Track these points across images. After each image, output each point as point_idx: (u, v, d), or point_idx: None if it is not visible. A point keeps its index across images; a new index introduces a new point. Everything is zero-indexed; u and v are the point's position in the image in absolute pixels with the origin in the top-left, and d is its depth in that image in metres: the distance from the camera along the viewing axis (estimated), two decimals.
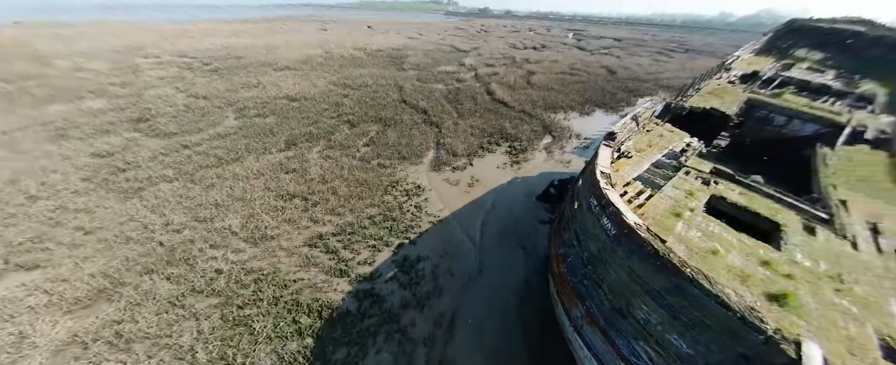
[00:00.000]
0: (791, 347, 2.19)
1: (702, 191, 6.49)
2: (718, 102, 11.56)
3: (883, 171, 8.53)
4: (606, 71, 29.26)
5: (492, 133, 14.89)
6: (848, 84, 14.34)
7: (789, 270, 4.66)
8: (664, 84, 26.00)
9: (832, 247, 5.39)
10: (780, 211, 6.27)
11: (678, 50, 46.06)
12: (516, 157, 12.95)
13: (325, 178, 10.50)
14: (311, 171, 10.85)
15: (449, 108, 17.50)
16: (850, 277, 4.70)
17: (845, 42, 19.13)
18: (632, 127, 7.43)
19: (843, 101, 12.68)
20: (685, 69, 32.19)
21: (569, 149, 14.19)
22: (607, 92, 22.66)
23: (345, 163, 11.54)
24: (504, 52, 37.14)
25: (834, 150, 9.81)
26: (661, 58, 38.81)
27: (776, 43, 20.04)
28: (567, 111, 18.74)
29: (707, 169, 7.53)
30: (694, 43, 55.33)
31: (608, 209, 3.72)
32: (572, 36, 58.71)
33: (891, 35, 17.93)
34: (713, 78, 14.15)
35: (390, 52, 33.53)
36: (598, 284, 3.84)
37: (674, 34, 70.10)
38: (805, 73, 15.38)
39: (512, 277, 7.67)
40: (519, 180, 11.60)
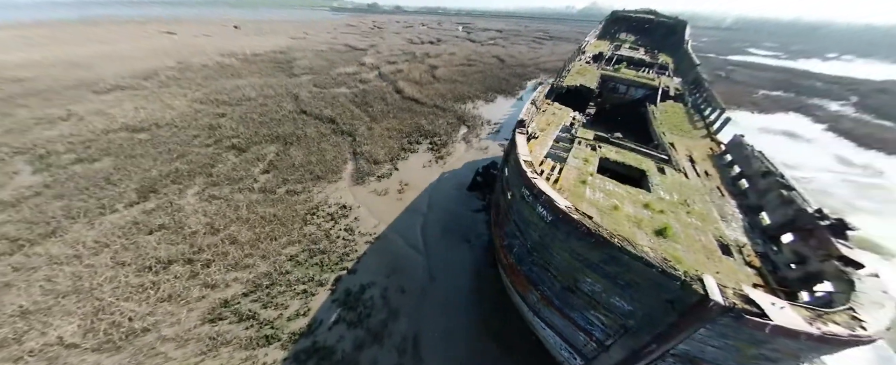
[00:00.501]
0: (698, 284, 2.62)
1: (592, 156, 7.73)
2: (584, 80, 13.99)
3: (683, 117, 11.97)
4: (497, 60, 32.25)
5: (410, 133, 14.44)
6: (653, 57, 19.55)
7: (660, 206, 5.96)
8: (543, 67, 30.39)
9: (676, 180, 7.21)
10: (642, 160, 8.05)
11: (545, 38, 54.59)
12: (439, 153, 12.93)
13: (214, 226, 8.11)
14: (189, 221, 8.21)
15: (359, 113, 16.11)
16: (691, 200, 6.38)
17: (645, 27, 26.09)
18: (533, 111, 8.21)
19: (653, 70, 17.25)
20: (554, 53, 38.38)
21: (484, 135, 15.05)
22: (502, 79, 25.00)
23: (240, 200, 9.21)
24: (403, 48, 36.58)
25: (657, 106, 13.29)
26: (535, 45, 45.24)
27: (608, 29, 25.76)
28: (474, 100, 19.82)
29: (591, 136, 9.03)
30: (555, 31, 66.52)
31: (541, 198, 3.89)
32: (462, 29, 62.48)
33: (665, 20, 25.34)
34: (576, 60, 17.07)
35: (273, 55, 28.62)
36: (546, 268, 4.04)
37: (539, 24, 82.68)
38: (629, 52, 20.24)
39: (464, 274, 7.64)
40: (447, 175, 11.64)
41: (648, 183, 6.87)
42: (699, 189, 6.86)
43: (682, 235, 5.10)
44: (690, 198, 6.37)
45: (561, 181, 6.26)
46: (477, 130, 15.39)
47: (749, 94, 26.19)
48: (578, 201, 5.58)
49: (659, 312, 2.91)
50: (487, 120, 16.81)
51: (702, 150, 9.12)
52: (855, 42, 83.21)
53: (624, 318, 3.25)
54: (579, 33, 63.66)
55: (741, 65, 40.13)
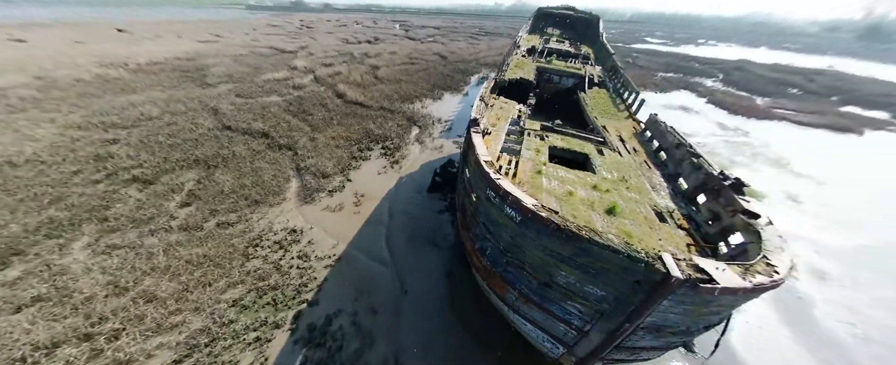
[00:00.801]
0: (659, 262, 2.78)
1: (542, 145, 8.09)
2: (522, 73, 14.69)
3: (608, 101, 13.38)
4: (439, 57, 32.24)
5: (359, 139, 13.48)
6: (576, 49, 21.53)
7: (605, 186, 6.47)
8: (483, 62, 31.34)
9: (613, 159, 7.94)
10: (583, 144, 8.71)
11: (481, 34, 56.49)
12: (393, 158, 12.33)
13: (119, 285, 6.40)
14: (80, 285, 6.34)
15: (297, 123, 14.49)
16: (628, 176, 7.08)
17: (566, 21, 28.62)
18: (482, 107, 8.23)
19: (578, 60, 18.99)
20: (491, 48, 39.91)
21: (437, 134, 14.84)
22: (447, 75, 25.05)
23: (153, 245, 7.46)
24: (339, 48, 34.19)
25: (586, 93, 14.65)
26: (473, 41, 46.47)
27: (537, 25, 27.60)
28: (422, 99, 19.45)
29: (538, 127, 9.46)
30: (488, 27, 69.29)
31: (508, 199, 3.82)
32: (399, 27, 61.04)
33: (582, 15, 28.18)
34: (513, 55, 17.84)
35: (177, 63, 24.12)
36: (521, 267, 4.02)
37: (474, 21, 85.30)
38: (556, 45, 21.96)
39: (436, 278, 7.37)
40: (405, 179, 11.16)
41: (592, 165, 7.43)
42: (632, 165, 7.66)
43: (627, 210, 5.60)
44: (627, 174, 7.06)
45: (519, 175, 6.38)
46: (429, 130, 15.11)
47: (651, 76, 30.71)
48: (538, 192, 5.73)
49: (629, 292, 3.08)
50: (438, 118, 16.64)
51: (627, 130, 10.25)
52: (715, 30, 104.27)
53: (598, 303, 3.37)
54: (511, 28, 67.41)
55: (642, 52, 46.94)
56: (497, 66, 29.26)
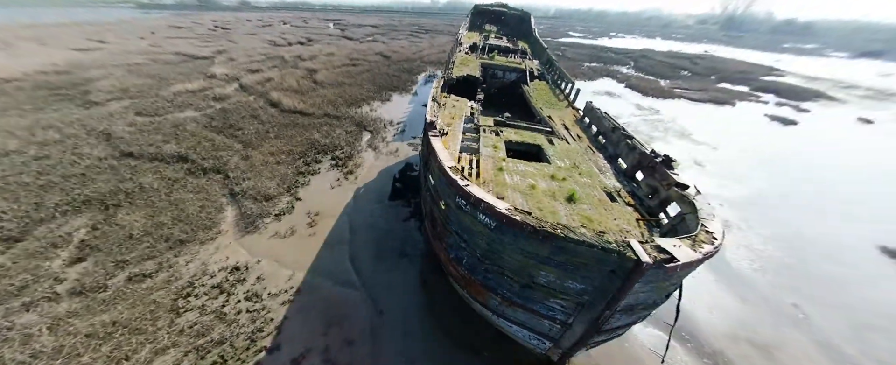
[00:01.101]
0: (630, 250, 2.90)
1: (498, 141, 8.20)
2: (469, 70, 14.84)
3: (549, 92, 14.31)
4: (382, 57, 31.02)
5: (304, 151, 12.16)
6: (514, 44, 22.61)
7: (561, 174, 6.81)
8: (427, 60, 31.08)
9: (563, 148, 8.44)
10: (534, 136, 9.10)
11: (421, 31, 56.06)
12: (346, 168, 11.40)
13: None
14: None
15: (224, 141, 12.47)
16: (578, 163, 7.57)
17: (501, 18, 29.88)
18: (436, 108, 7.99)
19: (516, 55, 19.95)
20: (434, 46, 39.84)
21: (390, 138, 14.19)
22: (392, 75, 24.20)
23: (33, 322, 5.63)
24: (266, 51, 30.56)
25: (529, 85, 15.46)
26: (414, 39, 45.83)
27: (475, 22, 28.24)
28: (369, 102, 18.44)
29: (491, 122, 9.60)
30: (428, 25, 69.14)
31: (480, 205, 3.66)
32: (334, 26, 57.20)
33: (515, 12, 29.72)
34: (457, 52, 17.93)
35: (42, 80, 18.89)
36: (501, 273, 3.93)
37: (412, 19, 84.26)
38: (495, 41, 22.76)
39: (412, 292, 6.99)
40: (362, 190, 10.41)
41: (546, 156, 7.76)
42: (579, 152, 8.21)
43: (584, 195, 5.95)
44: (577, 161, 7.54)
45: (482, 174, 6.33)
46: (382, 134, 14.37)
47: (579, 67, 33.98)
48: (503, 190, 5.73)
49: (606, 282, 3.20)
50: (389, 121, 15.94)
51: (569, 118, 11.02)
52: (621, 24, 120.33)
53: (579, 295, 3.45)
54: (450, 26, 68.27)
55: (568, 45, 51.67)
56: (443, 64, 29.36)
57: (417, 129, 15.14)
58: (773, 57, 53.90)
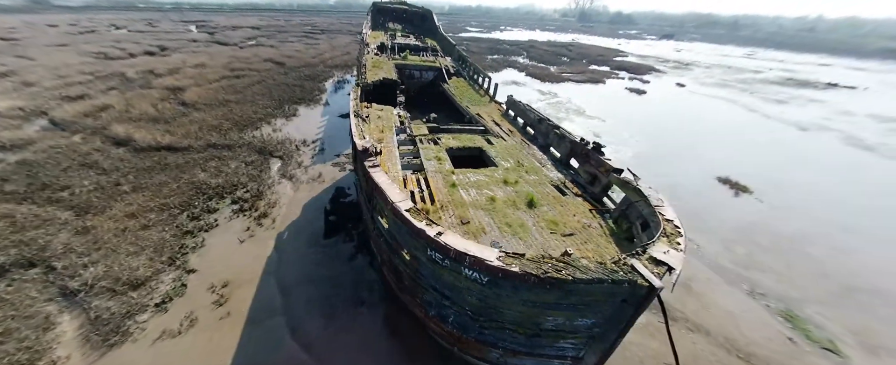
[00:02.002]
0: (638, 276, 2.67)
1: (439, 151, 7.55)
2: (384, 73, 13.64)
3: (469, 89, 14.42)
4: (274, 64, 26.24)
5: (187, 202, 8.97)
6: (423, 42, 22.19)
7: (512, 177, 6.61)
8: (332, 64, 27.87)
9: (502, 146, 8.40)
10: (472, 137, 8.82)
11: (317, 32, 50.27)
12: (257, 210, 8.93)
13: None
14: None
15: (36, 213, 8.14)
16: (520, 160, 7.59)
17: (403, 16, 28.99)
18: (360, 124, 6.75)
19: (428, 53, 19.60)
20: (335, 48, 36.14)
21: (309, 161, 11.92)
22: (293, 85, 20.70)
23: None
24: (94, 67, 21.93)
25: (448, 84, 15.30)
26: (310, 41, 40.61)
27: (377, 20, 26.51)
28: (270, 121, 15.19)
29: (425, 130, 8.87)
30: (322, 24, 62.60)
31: (466, 260, 2.92)
32: (198, 29, 45.75)
33: (416, 9, 29.24)
34: (365, 54, 16.33)
35: None
36: (501, 326, 3.33)
37: (302, 18, 74.88)
38: (403, 40, 21.86)
39: (384, 349, 5.83)
40: (286, 235, 8.32)
41: (490, 158, 7.51)
42: (517, 147, 8.28)
43: (539, 196, 5.86)
44: (519, 158, 7.53)
45: (435, 194, 5.57)
46: (296, 158, 11.93)
47: (483, 59, 36.25)
48: (464, 211, 5.11)
49: (618, 312, 2.97)
50: (302, 140, 13.42)
51: (495, 114, 11.20)
52: (505, 18, 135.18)
53: (589, 329, 3.17)
54: (349, 25, 63.40)
55: (468, 39, 54.65)
56: (351, 68, 26.78)
57: (340, 144, 13.22)
58: (616, 42, 69.17)
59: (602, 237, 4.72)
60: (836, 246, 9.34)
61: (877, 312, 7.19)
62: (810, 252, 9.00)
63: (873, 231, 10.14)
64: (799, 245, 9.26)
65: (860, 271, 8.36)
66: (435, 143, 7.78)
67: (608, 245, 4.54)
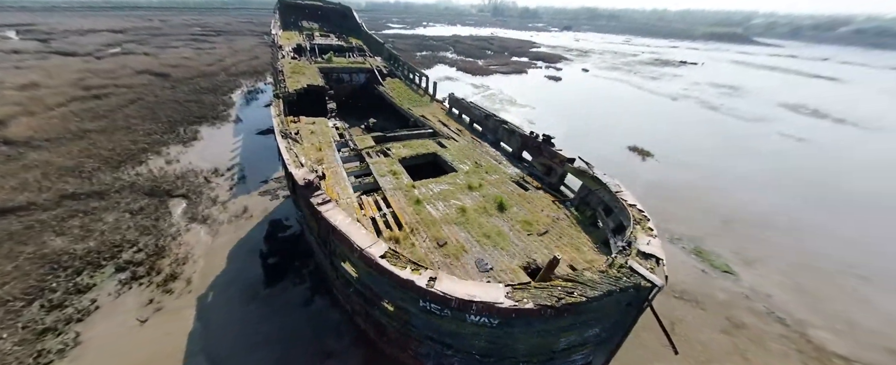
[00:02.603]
0: (640, 278, 2.62)
1: (392, 163, 6.79)
2: (307, 78, 11.95)
3: (407, 90, 13.73)
4: (154, 76, 20.79)
5: (33, 288, 6.24)
6: (346, 42, 20.34)
7: (475, 181, 6.30)
8: (237, 72, 23.55)
9: (455, 148, 8.07)
10: (424, 143, 8.25)
11: (210, 33, 41.99)
12: (160, 274, 6.81)
13: None
14: None
15: None
16: (476, 161, 7.36)
17: (318, 13, 26.10)
18: (291, 146, 5.55)
19: (354, 54, 18.06)
20: (237, 52, 30.72)
21: (226, 194, 9.69)
22: (188, 101, 16.73)
23: None
24: None
25: (384, 86, 14.31)
26: (201, 45, 33.56)
27: (287, 19, 23.19)
28: (159, 150, 11.89)
29: (371, 141, 7.95)
30: (216, 24, 52.67)
31: (472, 308, 2.44)
32: (19, 37, 33.31)
33: (333, 6, 26.57)
34: (280, 58, 14.09)
35: None
36: (515, 361, 3.01)
37: (188, 17, 61.70)
38: (323, 40, 19.66)
39: None
40: (211, 296, 6.54)
41: (447, 163, 7.08)
42: (469, 147, 8.06)
43: (505, 196, 5.69)
44: (475, 159, 7.30)
45: (400, 215, 4.89)
46: (207, 194, 9.57)
47: (413, 56, 35.54)
48: (437, 230, 4.56)
49: (623, 316, 2.96)
50: (212, 169, 10.87)
51: (440, 114, 10.83)
52: (426, 14, 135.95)
53: (598, 336, 3.11)
54: (248, 24, 54.73)
55: (393, 36, 52.95)
56: (263, 74, 22.98)
57: (266, 166, 11.14)
58: (528, 34, 75.96)
59: (572, 228, 4.82)
60: (713, 187, 11.91)
61: (746, 235, 9.36)
62: (698, 196, 11.25)
63: (734, 171, 13.27)
64: (690, 192, 11.49)
65: (730, 205, 10.81)
66: (385, 155, 6.99)
67: (580, 235, 4.66)
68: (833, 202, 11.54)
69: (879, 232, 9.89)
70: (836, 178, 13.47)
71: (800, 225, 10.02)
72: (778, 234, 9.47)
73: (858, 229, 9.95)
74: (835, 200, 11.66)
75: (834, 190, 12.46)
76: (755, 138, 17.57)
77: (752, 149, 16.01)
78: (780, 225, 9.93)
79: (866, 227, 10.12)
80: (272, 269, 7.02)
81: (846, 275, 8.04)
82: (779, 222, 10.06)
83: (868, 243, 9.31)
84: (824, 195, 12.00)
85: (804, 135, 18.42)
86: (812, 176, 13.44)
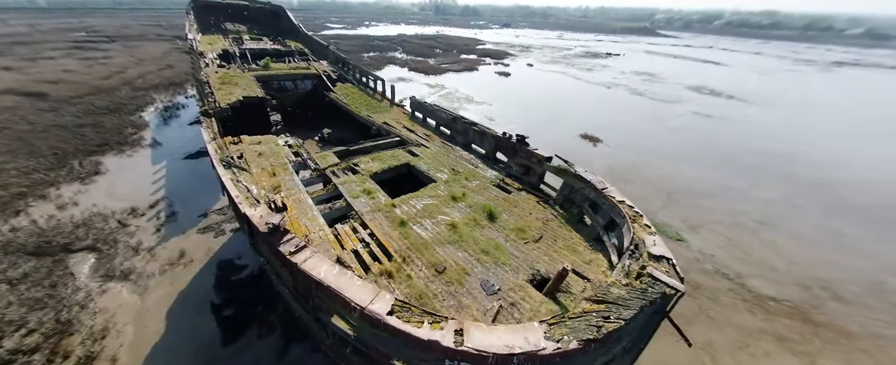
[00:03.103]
0: (664, 285, 2.58)
1: (363, 180, 6.09)
2: (242, 89, 10.37)
3: (362, 95, 12.80)
4: (22, 96, 16.20)
5: None
6: (284, 45, 18.28)
7: (458, 190, 5.92)
8: (143, 86, 19.60)
9: (428, 155, 7.63)
10: (394, 153, 7.63)
11: (100, 39, 34.43)
12: (69, 361, 5.20)
13: None
14: None
15: None
16: (453, 168, 7.00)
17: (244, 13, 22.98)
18: (237, 177, 4.57)
19: (296, 58, 16.32)
20: (144, 61, 25.71)
21: (153, 240, 7.85)
22: (79, 126, 13.38)
23: None
24: None
25: (336, 92, 13.13)
26: (90, 53, 27.26)
27: (205, 21, 19.89)
28: (45, 191, 9.22)
29: (334, 159, 7.10)
30: (110, 28, 43.53)
31: (512, 361, 2.10)
32: None
33: (261, 5, 23.59)
34: (203, 67, 12.04)
35: None
36: None
37: (68, 20, 49.81)
38: (255, 44, 17.36)
39: None
40: None
41: (423, 173, 6.63)
42: (442, 152, 7.69)
43: (492, 203, 5.44)
44: (450, 165, 6.95)
45: (386, 243, 4.32)
46: (124, 241, 7.64)
47: (360, 58, 33.72)
48: (432, 254, 4.06)
49: (650, 322, 2.90)
50: (127, 209, 8.76)
51: (403, 119, 10.27)
52: (366, 13, 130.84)
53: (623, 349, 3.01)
54: (155, 26, 46.36)
55: (334, 37, 49.69)
56: (183, 86, 19.46)
57: (201, 196, 9.35)
58: (472, 32, 77.83)
59: (562, 228, 4.82)
60: (651, 164, 13.48)
61: (687, 204, 10.75)
62: (643, 173, 12.61)
63: (666, 149, 15.18)
64: (636, 172, 12.83)
65: (669, 178, 12.33)
66: (353, 172, 6.25)
67: (572, 234, 4.66)
68: (742, 166, 13.91)
69: (778, 186, 12.20)
70: (741, 145, 16.29)
71: (725, 190, 11.84)
72: (710, 200, 11.05)
73: (763, 187, 12.14)
74: (743, 165, 14.08)
75: (742, 155, 15.05)
76: (675, 118, 20.41)
77: (675, 128, 18.55)
78: (711, 191, 11.61)
79: (766, 183, 12.40)
80: (230, 322, 5.86)
81: (763, 226, 9.70)
82: (709, 189, 11.75)
83: (770, 198, 11.40)
84: (735, 161, 14.41)
85: (709, 111, 21.97)
86: (723, 147, 16.05)
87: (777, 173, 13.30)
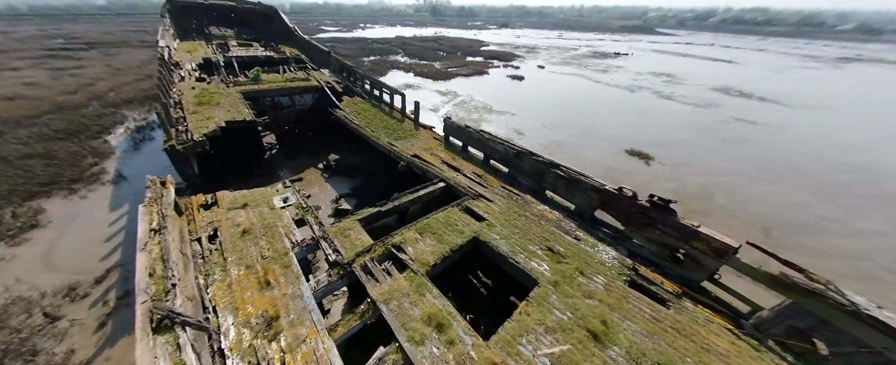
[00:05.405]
0: None
1: (419, 291, 3.61)
2: (225, 112, 7.75)
3: (376, 113, 10.18)
4: None
5: None
6: (277, 52, 15.59)
7: (584, 308, 3.59)
8: (115, 101, 16.74)
9: (497, 216, 5.01)
10: (447, 216, 5.10)
11: (78, 48, 31.25)
12: None
13: None
14: None
15: None
16: (545, 238, 4.59)
17: (231, 16, 20.20)
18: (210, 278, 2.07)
19: (291, 67, 13.66)
20: (118, 72, 22.75)
21: (91, 342, 5.31)
22: (24, 157, 10.69)
23: None
24: None
25: (343, 109, 10.56)
26: (61, 64, 24.20)
27: (182, 24, 17.09)
28: None
29: (362, 234, 4.55)
30: (89, 35, 40.27)
31: None
32: None
33: (252, 6, 20.83)
34: (177, 82, 9.38)
35: None
36: None
37: (37, 27, 46.28)
38: (243, 51, 14.65)
39: None
40: None
41: (512, 262, 4.15)
42: (514, 210, 5.18)
43: (666, 352, 3.08)
44: (539, 237, 4.44)
45: None
46: (47, 347, 5.06)
47: (361, 63, 31.07)
48: None
49: None
50: (62, 288, 6.15)
51: (435, 147, 7.78)
52: (360, 15, 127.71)
53: None
54: (140, 32, 43.19)
55: (331, 41, 46.89)
56: (153, 102, 16.62)
57: None
58: (471, 33, 75.38)
59: None
60: (725, 188, 11.18)
61: (793, 244, 8.45)
62: (718, 200, 10.30)
63: (733, 167, 12.88)
64: (709, 198, 10.52)
65: (754, 206, 10.04)
66: (398, 265, 3.76)
67: None
68: (825, 185, 11.66)
69: (878, 212, 9.97)
70: (811, 158, 14.06)
71: (821, 220, 9.59)
72: (814, 237, 8.78)
73: (860, 214, 9.90)
74: (825, 183, 11.83)
75: (816, 170, 12.81)
76: (720, 126, 18.22)
77: (729, 138, 16.33)
78: (809, 224, 9.35)
79: (861, 208, 10.16)
80: None
81: None
82: (806, 221, 9.49)
83: (879, 230, 9.15)
84: (813, 178, 12.18)
85: (753, 117, 19.84)
86: (794, 160, 13.80)
87: (868, 195, 11.07)
